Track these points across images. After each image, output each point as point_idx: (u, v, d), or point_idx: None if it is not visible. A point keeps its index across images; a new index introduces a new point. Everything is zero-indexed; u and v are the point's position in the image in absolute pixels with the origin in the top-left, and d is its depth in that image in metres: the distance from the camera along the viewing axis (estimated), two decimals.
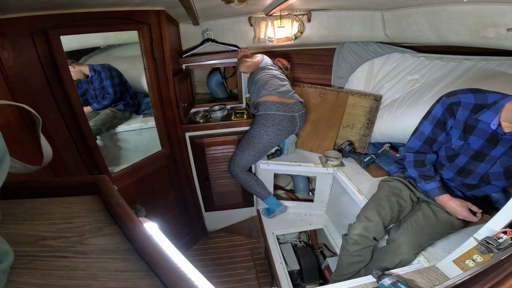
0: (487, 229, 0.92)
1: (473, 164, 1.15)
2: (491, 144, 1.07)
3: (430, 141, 1.21)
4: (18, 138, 0.89)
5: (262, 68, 1.86)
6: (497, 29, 1.13)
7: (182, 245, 2.19)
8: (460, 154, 1.16)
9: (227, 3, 1.19)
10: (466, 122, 1.09)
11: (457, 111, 1.10)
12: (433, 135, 1.19)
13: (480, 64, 1.65)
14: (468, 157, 1.14)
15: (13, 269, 0.37)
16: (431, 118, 1.18)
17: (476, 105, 1.06)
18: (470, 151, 1.12)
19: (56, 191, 0.55)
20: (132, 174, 1.61)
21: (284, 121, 1.77)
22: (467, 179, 1.20)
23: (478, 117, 1.05)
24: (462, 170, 1.19)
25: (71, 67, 1.23)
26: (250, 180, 1.94)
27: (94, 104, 2.00)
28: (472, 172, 1.16)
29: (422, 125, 1.22)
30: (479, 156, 1.12)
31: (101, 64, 1.95)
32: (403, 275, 1.07)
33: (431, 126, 1.18)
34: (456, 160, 1.19)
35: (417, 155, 1.24)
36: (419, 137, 1.23)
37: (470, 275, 0.44)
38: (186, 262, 0.39)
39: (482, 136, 1.08)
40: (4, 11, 0.95)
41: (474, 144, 1.10)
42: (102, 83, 1.95)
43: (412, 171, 1.25)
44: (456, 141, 1.14)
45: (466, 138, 1.11)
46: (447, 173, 1.25)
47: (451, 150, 1.18)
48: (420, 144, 1.23)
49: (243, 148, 1.84)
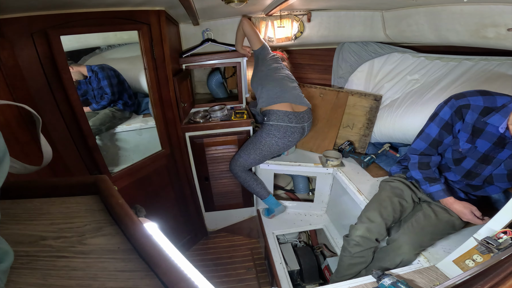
0: (487, 229, 0.92)
1: (480, 167, 1.13)
2: (499, 147, 1.06)
3: (436, 144, 1.19)
4: (18, 138, 0.89)
5: (267, 63, 1.78)
6: (497, 29, 1.13)
7: (182, 245, 2.19)
8: (467, 157, 1.14)
9: (227, 3, 1.19)
10: (475, 125, 1.07)
11: (466, 114, 1.08)
12: (440, 138, 1.17)
13: (480, 64, 1.65)
14: (475, 160, 1.13)
15: (13, 269, 0.37)
16: (438, 120, 1.15)
17: (485, 108, 1.04)
18: (478, 154, 1.11)
19: (56, 191, 0.55)
20: (132, 174, 1.61)
21: (296, 133, 1.75)
22: (473, 181, 1.19)
23: (487, 120, 1.03)
24: (469, 173, 1.18)
25: (69, 67, 1.24)
26: (250, 179, 1.94)
27: (93, 104, 2.00)
28: (479, 175, 1.15)
29: (428, 127, 1.19)
30: (486, 159, 1.10)
31: (98, 64, 1.95)
32: (403, 275, 1.07)
33: (438, 128, 1.15)
34: (462, 163, 1.17)
35: (422, 157, 1.22)
36: (425, 139, 1.20)
37: (470, 275, 0.44)
38: (186, 262, 0.39)
39: (489, 139, 1.06)
40: (4, 11, 0.95)
41: (481, 147, 1.09)
42: (99, 84, 1.95)
43: (416, 173, 1.23)
44: (464, 144, 1.12)
45: (474, 141, 1.09)
46: (453, 175, 1.24)
47: (458, 153, 1.16)
48: (426, 146, 1.20)
49: (248, 151, 1.82)
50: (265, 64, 1.79)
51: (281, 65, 1.83)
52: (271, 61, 1.81)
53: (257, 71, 1.82)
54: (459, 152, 1.15)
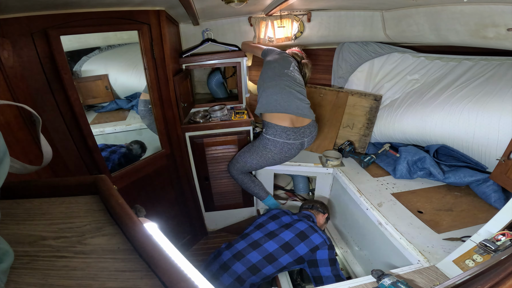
0: (485, 231, 0.91)
1: None
2: None
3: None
4: (18, 138, 0.89)
5: (272, 65, 1.66)
6: (497, 29, 1.13)
7: (182, 245, 2.19)
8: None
9: (227, 3, 1.19)
10: None
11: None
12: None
13: (480, 64, 1.65)
14: None
15: (13, 269, 0.37)
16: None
17: None
18: None
19: (56, 191, 0.55)
20: (132, 174, 1.61)
21: (293, 149, 1.72)
22: None
23: None
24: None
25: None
26: (248, 181, 1.94)
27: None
28: None
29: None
30: None
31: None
32: (403, 275, 1.07)
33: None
34: None
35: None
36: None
37: (470, 275, 0.44)
38: (186, 262, 0.39)
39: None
40: (4, 11, 0.95)
41: None
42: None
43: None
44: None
45: None
46: None
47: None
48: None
49: (246, 158, 1.81)
50: (271, 67, 1.69)
51: (291, 68, 1.69)
52: (276, 63, 1.68)
53: (263, 71, 1.74)
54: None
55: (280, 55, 1.73)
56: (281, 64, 1.69)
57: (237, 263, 1.32)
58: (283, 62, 1.70)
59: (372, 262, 1.51)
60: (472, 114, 1.49)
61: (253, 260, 1.32)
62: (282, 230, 1.43)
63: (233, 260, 1.33)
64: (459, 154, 1.62)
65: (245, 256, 1.34)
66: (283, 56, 1.73)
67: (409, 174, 1.67)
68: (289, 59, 1.73)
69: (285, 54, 1.76)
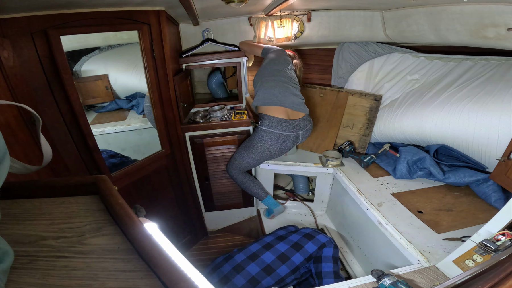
0: (485, 231, 0.91)
1: None
2: None
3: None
4: (18, 138, 0.89)
5: (272, 62, 1.73)
6: (497, 29, 1.13)
7: (182, 245, 2.19)
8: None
9: (227, 3, 1.19)
10: None
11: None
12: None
13: (480, 64, 1.65)
14: None
15: (13, 269, 0.37)
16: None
17: None
18: None
19: (56, 191, 0.55)
20: (132, 174, 1.61)
21: (288, 141, 1.73)
22: None
23: None
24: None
25: None
26: (247, 181, 1.94)
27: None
28: None
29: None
30: None
31: None
32: (403, 275, 1.07)
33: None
34: None
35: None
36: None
37: (470, 275, 0.44)
38: (186, 262, 0.39)
39: None
40: (4, 11, 0.95)
41: None
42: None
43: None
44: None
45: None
46: None
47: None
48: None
49: (242, 154, 1.83)
50: (271, 63, 1.75)
51: (289, 67, 1.77)
52: (276, 61, 1.75)
53: (262, 67, 1.79)
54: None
55: (280, 54, 1.79)
56: (281, 62, 1.76)
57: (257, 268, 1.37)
58: (282, 61, 1.77)
59: (372, 262, 1.51)
60: (472, 114, 1.49)
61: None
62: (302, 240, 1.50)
63: (261, 273, 1.38)
64: (459, 154, 1.62)
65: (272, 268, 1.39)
66: (283, 56, 1.79)
67: (409, 174, 1.67)
68: (287, 59, 1.81)
69: (285, 54, 1.81)
